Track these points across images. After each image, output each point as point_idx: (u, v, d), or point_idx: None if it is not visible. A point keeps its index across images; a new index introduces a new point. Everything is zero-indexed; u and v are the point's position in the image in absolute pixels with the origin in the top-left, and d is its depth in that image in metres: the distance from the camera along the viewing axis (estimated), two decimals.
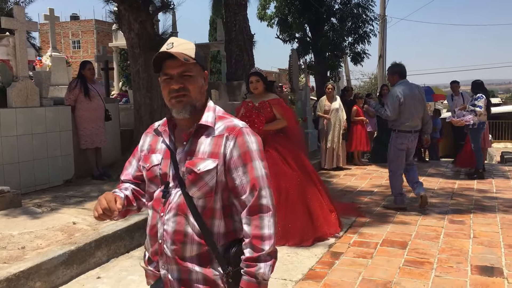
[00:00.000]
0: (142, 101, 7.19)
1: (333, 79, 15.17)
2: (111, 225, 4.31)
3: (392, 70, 5.91)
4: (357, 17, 14.27)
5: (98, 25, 49.23)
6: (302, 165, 4.87)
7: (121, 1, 6.88)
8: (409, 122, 5.67)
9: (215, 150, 1.58)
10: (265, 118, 4.83)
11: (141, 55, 7.07)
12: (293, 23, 14.51)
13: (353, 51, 14.98)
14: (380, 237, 4.68)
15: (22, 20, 6.12)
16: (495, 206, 5.96)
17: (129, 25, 6.99)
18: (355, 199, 6.38)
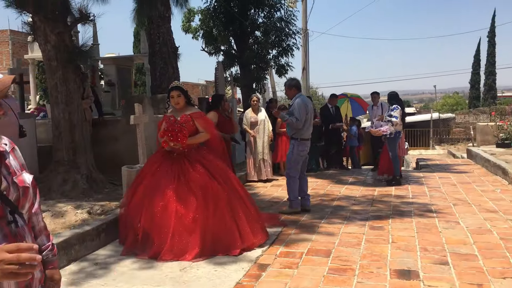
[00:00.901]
0: (61, 116, 6.87)
1: (258, 91, 15.42)
2: None
3: (289, 84, 6.43)
4: (280, 30, 14.64)
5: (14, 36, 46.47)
6: (227, 177, 4.89)
7: (36, 12, 6.56)
8: (308, 131, 6.29)
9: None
10: (188, 132, 4.80)
11: (58, 68, 6.78)
12: (218, 36, 14.60)
13: (278, 64, 15.34)
14: (305, 247, 4.79)
15: None
16: (411, 211, 6.31)
17: (45, 37, 6.68)
18: (281, 209, 6.48)
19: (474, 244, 4.72)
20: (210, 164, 4.86)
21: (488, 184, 8.16)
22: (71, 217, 5.24)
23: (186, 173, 4.70)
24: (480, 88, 38.74)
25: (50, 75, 6.91)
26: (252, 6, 14.32)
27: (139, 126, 6.33)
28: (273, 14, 14.81)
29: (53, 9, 6.57)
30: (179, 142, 4.76)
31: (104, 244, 4.90)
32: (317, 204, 6.92)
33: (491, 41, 37.03)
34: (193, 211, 4.49)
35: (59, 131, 6.90)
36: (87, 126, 7.47)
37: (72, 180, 6.67)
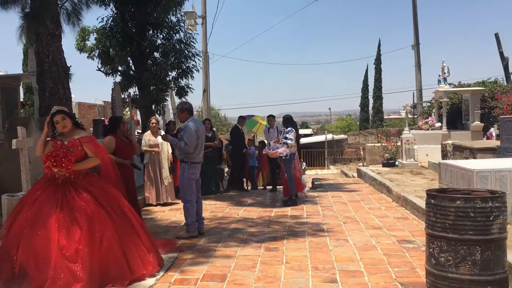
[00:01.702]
0: None
1: (158, 113, 15.19)
2: None
3: (182, 107, 6.48)
4: (180, 52, 14.62)
5: None
6: (118, 205, 4.69)
7: None
8: (199, 155, 6.34)
9: None
10: (75, 157, 4.56)
11: None
12: (115, 56, 14.19)
13: (178, 85, 15.26)
14: (201, 272, 4.73)
15: None
16: (305, 231, 6.54)
17: None
18: (178, 234, 6.37)
19: (360, 261, 4.99)
20: (97, 191, 4.62)
21: (375, 202, 8.74)
22: None
23: (71, 201, 4.42)
24: (369, 111, 41.65)
25: None
26: (150, 28, 14.17)
27: (23, 150, 5.91)
28: (173, 36, 14.79)
29: None
30: (63, 168, 4.49)
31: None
32: (215, 227, 6.91)
33: (377, 67, 40.12)
34: (77, 242, 4.23)
35: None
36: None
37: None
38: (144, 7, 13.51)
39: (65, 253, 4.15)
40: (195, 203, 6.31)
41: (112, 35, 13.92)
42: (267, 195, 10.17)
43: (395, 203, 8.43)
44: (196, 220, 6.32)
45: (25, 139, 5.88)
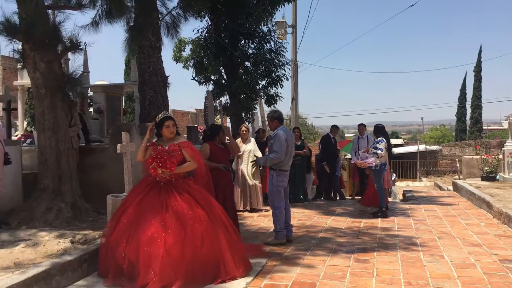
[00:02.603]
0: (47, 143, 6.86)
1: (247, 121, 15.52)
2: (6, 279, 3.98)
3: (272, 116, 6.52)
4: (270, 61, 14.83)
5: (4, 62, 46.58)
6: (212, 207, 4.89)
7: (26, 40, 6.62)
8: (288, 163, 6.36)
9: None
10: (176, 161, 4.85)
11: (47, 95, 6.80)
12: (209, 65, 14.75)
13: (267, 94, 15.47)
14: (289, 279, 4.75)
15: None
16: (396, 244, 6.31)
17: (35, 64, 6.73)
18: (267, 241, 6.45)
19: (458, 279, 4.73)
20: (197, 193, 4.87)
21: (473, 218, 8.21)
22: (53, 247, 5.17)
23: (173, 203, 4.70)
24: (466, 121, 39.34)
25: (38, 102, 6.92)
26: (242, 38, 14.55)
27: (126, 154, 6.33)
28: (263, 45, 15.04)
29: (43, 37, 6.64)
30: (167, 169, 4.79)
31: (86, 274, 4.82)
32: (303, 235, 6.90)
33: (477, 75, 37.84)
34: (181, 242, 4.46)
35: (45, 158, 6.86)
36: (73, 154, 7.43)
37: (56, 208, 6.60)
38: (237, 18, 13.92)
39: (170, 252, 4.39)
40: (283, 210, 6.36)
41: (206, 45, 14.50)
42: (356, 206, 9.96)
43: (496, 219, 7.86)
44: (284, 227, 6.36)
45: (128, 144, 6.30)
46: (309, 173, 11.30)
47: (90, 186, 7.66)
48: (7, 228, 6.11)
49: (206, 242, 4.57)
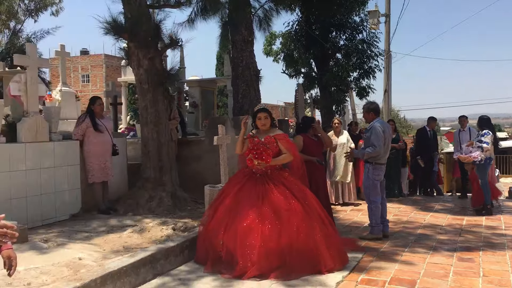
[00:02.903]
0: (150, 136, 7.26)
1: (338, 113, 15.28)
2: (117, 261, 4.30)
3: (368, 108, 6.31)
4: (362, 52, 14.45)
5: (107, 60, 50.13)
6: (308, 199, 4.88)
7: (131, 39, 7.05)
8: (385, 155, 6.14)
9: None
10: (272, 152, 4.90)
11: (149, 90, 7.19)
12: (299, 58, 14.72)
13: (359, 86, 15.11)
14: (388, 275, 4.62)
15: (34, 57, 6.28)
16: (504, 243, 5.88)
17: (138, 61, 7.14)
18: (362, 235, 6.31)
19: None
20: (292, 185, 4.89)
21: None
22: (157, 233, 5.48)
23: (270, 194, 4.76)
24: None
25: (141, 97, 7.35)
26: (333, 29, 14.32)
27: (222, 146, 6.51)
28: (355, 36, 14.69)
29: (146, 36, 7.03)
30: (263, 161, 4.87)
31: (187, 260, 5.06)
32: (400, 231, 6.66)
33: None
34: (277, 233, 4.52)
35: (148, 150, 7.28)
36: (173, 146, 7.81)
37: (158, 197, 6.98)
38: (329, 9, 13.72)
39: (267, 243, 4.47)
40: (379, 205, 6.18)
41: (296, 38, 14.48)
42: (456, 202, 9.42)
43: None
44: (380, 222, 6.19)
45: (224, 136, 6.48)
46: (404, 167, 10.88)
47: (187, 177, 8.00)
48: (116, 214, 6.58)
49: (301, 233, 4.59)
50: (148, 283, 4.40)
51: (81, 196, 6.61)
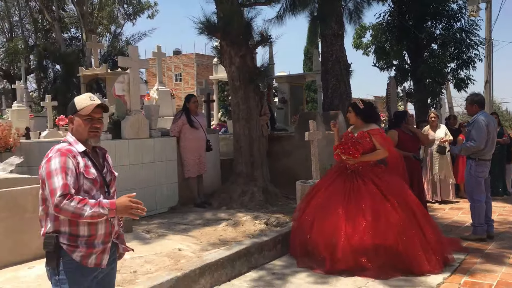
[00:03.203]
0: (241, 132, 7.41)
1: (434, 107, 14.53)
2: (214, 253, 4.45)
3: (472, 99, 5.90)
4: (460, 42, 13.61)
5: (198, 59, 52.01)
6: (404, 199, 4.69)
7: (223, 37, 7.23)
8: (490, 151, 5.72)
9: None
10: (362, 148, 4.78)
11: (241, 87, 7.34)
12: (391, 50, 14.21)
13: (456, 77, 14.25)
14: (494, 279, 4.32)
15: (135, 59, 6.68)
16: None
17: (230, 59, 7.31)
18: (463, 235, 5.96)
19: None
20: (384, 184, 4.72)
21: None
22: (250, 227, 5.59)
23: (357, 192, 4.65)
24: None
25: (233, 94, 7.52)
26: (428, 18, 13.63)
27: (313, 142, 6.48)
28: (453, 24, 13.86)
29: (237, 34, 7.17)
30: (350, 156, 4.78)
31: (280, 255, 5.11)
32: (506, 231, 6.20)
33: None
34: (361, 232, 4.41)
35: (239, 146, 7.44)
36: (263, 142, 7.91)
37: (250, 192, 7.11)
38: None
39: (350, 242, 4.40)
40: (484, 204, 5.78)
41: (388, 29, 13.97)
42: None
43: None
44: (484, 222, 5.79)
45: (315, 132, 6.45)
46: (508, 163, 10.08)
47: (278, 172, 8.06)
48: (210, 208, 6.81)
49: (390, 233, 4.42)
50: (243, 275, 4.50)
51: (178, 190, 6.92)
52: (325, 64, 9.87)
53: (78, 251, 2.35)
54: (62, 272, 2.35)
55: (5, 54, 28.61)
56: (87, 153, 2.45)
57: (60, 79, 24.87)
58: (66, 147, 2.40)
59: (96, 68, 10.56)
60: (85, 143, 2.45)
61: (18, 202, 4.18)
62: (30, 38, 28.97)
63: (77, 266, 2.36)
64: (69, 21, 27.54)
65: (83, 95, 2.54)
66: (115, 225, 2.52)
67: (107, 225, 2.43)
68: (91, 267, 2.39)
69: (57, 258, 2.35)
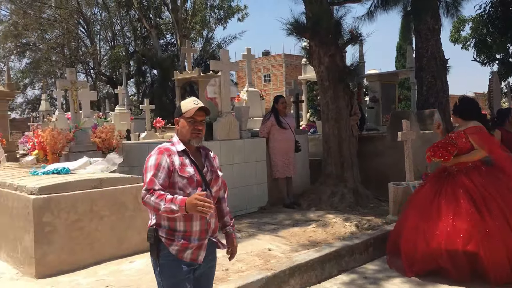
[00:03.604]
0: (331, 132, 7.32)
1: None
2: (304, 255, 4.44)
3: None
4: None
5: (287, 59, 52.29)
6: (506, 203, 4.31)
7: (312, 37, 7.19)
8: None
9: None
10: (456, 149, 4.49)
11: (330, 87, 7.25)
12: (493, 43, 13.27)
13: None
14: None
15: (226, 62, 6.86)
16: None
17: (319, 59, 7.25)
18: None
19: None
20: (482, 187, 4.36)
21: None
22: (340, 229, 5.50)
23: (452, 195, 4.38)
24: None
25: (322, 94, 7.45)
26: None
27: (407, 142, 6.23)
28: None
29: (327, 33, 7.10)
30: (440, 158, 4.53)
31: (371, 258, 4.97)
32: None
33: None
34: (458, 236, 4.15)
35: (329, 146, 7.35)
36: (354, 142, 7.75)
37: (340, 193, 7.00)
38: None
39: (448, 245, 4.17)
40: None
41: (490, 21, 13.08)
42: None
43: None
44: None
45: (409, 132, 6.19)
46: None
47: (369, 173, 7.85)
48: (299, 208, 6.81)
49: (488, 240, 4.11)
50: (334, 278, 4.45)
51: (267, 190, 7.00)
52: (419, 61, 9.42)
53: (175, 244, 2.49)
54: (161, 264, 2.51)
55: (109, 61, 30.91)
56: (186, 152, 2.57)
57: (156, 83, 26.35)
58: (166, 146, 2.58)
59: (190, 71, 11.03)
60: (188, 144, 2.58)
61: (120, 200, 4.48)
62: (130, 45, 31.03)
63: (174, 260, 2.49)
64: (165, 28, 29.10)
65: (189, 99, 2.67)
66: (211, 223, 2.59)
67: (203, 222, 2.53)
68: (187, 262, 2.50)
69: (157, 250, 2.51)
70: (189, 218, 2.49)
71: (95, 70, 31.34)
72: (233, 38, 28.94)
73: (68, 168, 4.96)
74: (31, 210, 3.97)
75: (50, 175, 4.80)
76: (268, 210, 6.74)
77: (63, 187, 4.20)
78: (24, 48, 31.43)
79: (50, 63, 31.26)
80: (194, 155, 2.61)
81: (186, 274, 2.52)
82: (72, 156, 6.35)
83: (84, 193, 4.26)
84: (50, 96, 27.02)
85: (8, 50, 31.68)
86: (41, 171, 4.94)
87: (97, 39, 32.38)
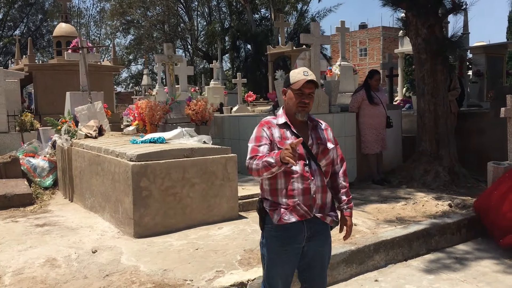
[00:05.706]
0: (426, 108, 6.98)
1: None
2: (390, 231, 4.36)
3: None
4: None
5: (385, 32, 50.20)
6: None
7: (409, 8, 6.84)
8: None
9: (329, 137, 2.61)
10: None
11: (427, 60, 6.88)
12: None
13: None
14: None
15: (317, 35, 6.78)
16: None
17: (416, 30, 6.89)
18: None
19: None
20: None
21: None
22: (431, 208, 5.29)
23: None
24: None
25: (418, 67, 7.09)
26: None
27: (511, 119, 5.76)
28: None
29: (425, 3, 6.70)
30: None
31: (464, 240, 4.75)
32: None
33: None
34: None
35: (423, 122, 7.02)
36: (451, 118, 7.33)
37: (433, 171, 6.70)
38: None
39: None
40: None
41: None
42: None
43: None
44: None
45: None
46: None
47: (468, 152, 7.40)
48: (389, 185, 6.63)
49: None
50: (421, 257, 4.33)
51: (356, 166, 6.90)
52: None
53: (277, 213, 2.43)
54: (264, 236, 2.54)
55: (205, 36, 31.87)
56: (287, 125, 2.48)
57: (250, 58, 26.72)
58: (267, 119, 2.54)
59: (283, 46, 11.04)
60: (293, 116, 2.48)
61: (210, 169, 4.69)
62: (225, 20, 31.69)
63: (277, 235, 2.45)
64: (260, 2, 29.21)
65: (299, 69, 2.53)
66: (317, 198, 2.45)
67: (306, 197, 2.42)
68: (290, 239, 2.44)
69: (262, 221, 2.53)
70: (291, 193, 2.41)
71: (193, 46, 32.53)
72: (328, 11, 28.32)
73: (164, 137, 5.28)
74: (130, 175, 4.30)
75: (148, 143, 5.15)
76: (356, 186, 6.65)
77: (158, 155, 4.49)
78: (128, 25, 33.46)
79: (151, 39, 32.98)
80: (299, 127, 2.49)
81: (292, 252, 2.47)
82: (168, 127, 6.72)
83: (177, 162, 4.53)
84: (152, 71, 28.56)
85: (114, 27, 33.97)
86: (139, 139, 5.31)
87: (195, 15, 33.50)
